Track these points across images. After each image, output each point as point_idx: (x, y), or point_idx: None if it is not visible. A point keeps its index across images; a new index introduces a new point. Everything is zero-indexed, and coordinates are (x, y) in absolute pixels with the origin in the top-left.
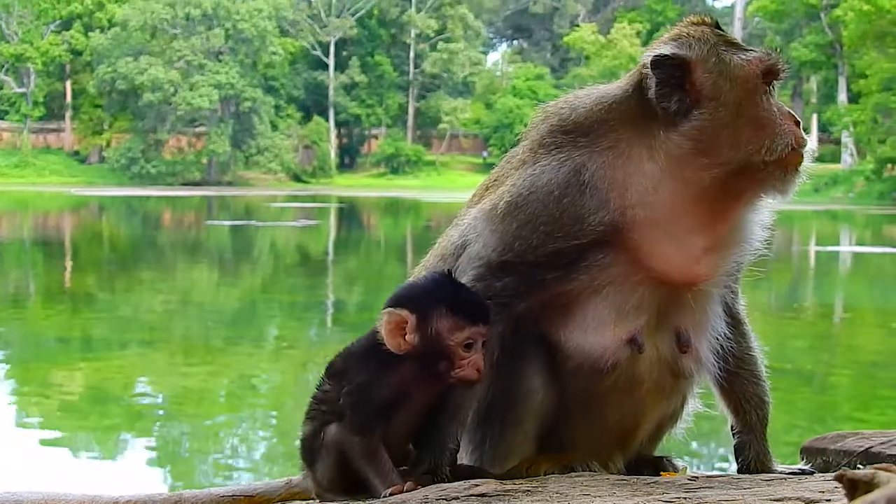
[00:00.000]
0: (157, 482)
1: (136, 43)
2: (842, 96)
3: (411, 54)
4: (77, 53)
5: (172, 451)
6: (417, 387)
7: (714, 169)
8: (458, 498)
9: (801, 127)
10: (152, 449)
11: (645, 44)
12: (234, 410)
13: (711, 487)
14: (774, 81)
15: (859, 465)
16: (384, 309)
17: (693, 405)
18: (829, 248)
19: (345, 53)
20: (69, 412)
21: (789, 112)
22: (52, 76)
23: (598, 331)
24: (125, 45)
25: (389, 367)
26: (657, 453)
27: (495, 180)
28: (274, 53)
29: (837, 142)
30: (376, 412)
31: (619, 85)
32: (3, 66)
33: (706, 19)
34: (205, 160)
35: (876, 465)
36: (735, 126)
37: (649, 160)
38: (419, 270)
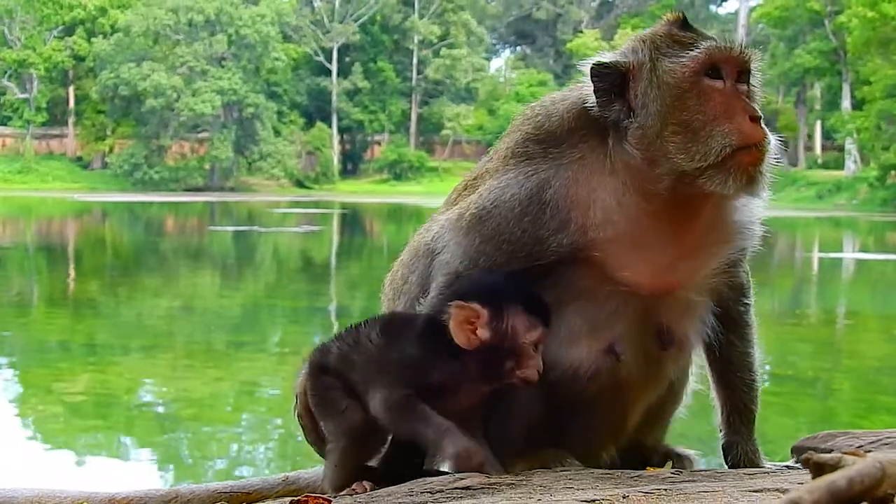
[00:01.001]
0: (159, 485)
1: (138, 49)
2: (845, 103)
3: (414, 60)
4: (80, 59)
5: (175, 455)
6: (471, 383)
7: (661, 179)
8: (443, 491)
9: (759, 121)
10: (155, 452)
11: None
12: (237, 416)
13: (694, 481)
14: (731, 72)
15: None
16: (451, 301)
17: (692, 385)
18: (833, 255)
19: (348, 59)
20: (72, 416)
21: (745, 107)
22: (54, 82)
23: (574, 342)
24: (128, 50)
25: (447, 356)
26: (668, 444)
27: (474, 179)
28: (277, 59)
29: (841, 148)
30: (421, 392)
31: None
32: (5, 72)
33: (672, 17)
34: (207, 166)
35: (844, 451)
36: (662, 135)
37: (611, 173)
38: (396, 265)
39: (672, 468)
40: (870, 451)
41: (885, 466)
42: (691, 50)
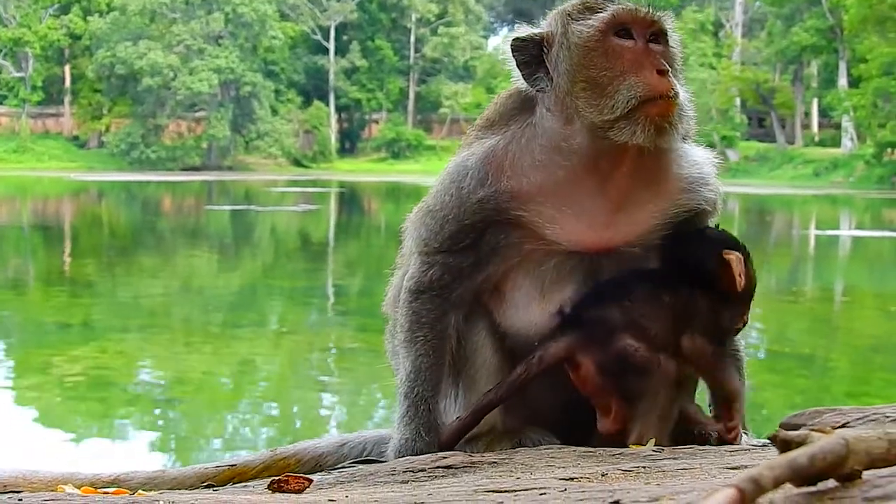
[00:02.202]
0: (156, 465)
1: (135, 27)
2: (842, 81)
3: (412, 38)
4: (76, 38)
5: (173, 434)
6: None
7: (576, 135)
8: (425, 469)
9: (666, 75)
10: (153, 432)
11: None
12: (235, 395)
13: (675, 458)
14: (642, 32)
15: None
16: (720, 251)
17: None
18: (829, 232)
19: (345, 38)
20: (69, 396)
21: (653, 61)
22: (50, 60)
23: (526, 308)
24: (124, 29)
25: (720, 302)
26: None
27: None
28: (274, 38)
29: (838, 126)
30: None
31: None
32: (1, 51)
33: None
34: (204, 145)
35: (812, 427)
36: (572, 92)
37: (531, 138)
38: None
39: (655, 446)
40: (852, 428)
41: (851, 443)
42: (600, 13)
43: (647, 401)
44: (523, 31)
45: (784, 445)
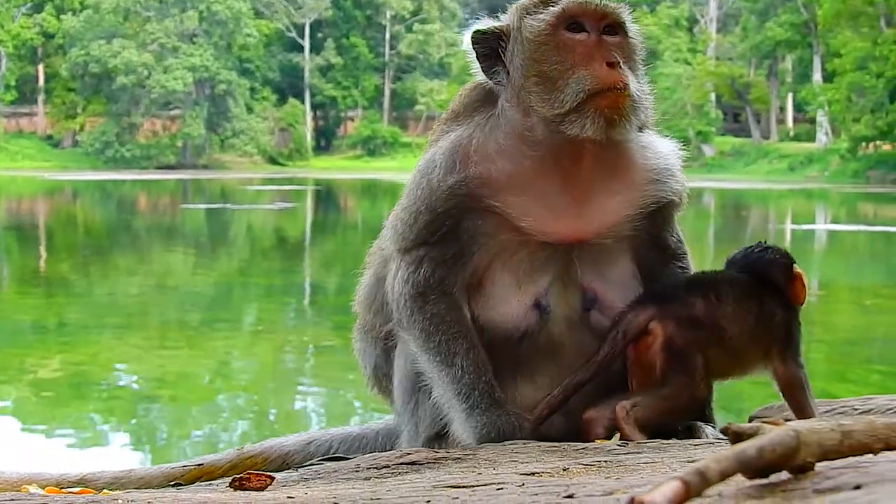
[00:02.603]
0: (132, 464)
1: (108, 25)
2: (816, 76)
3: (387, 36)
4: (49, 36)
5: (150, 434)
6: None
7: (535, 128)
8: (389, 466)
9: (616, 66)
10: (129, 431)
11: None
12: (212, 393)
13: (638, 452)
14: (594, 24)
15: None
16: (792, 265)
17: None
18: (805, 227)
19: (320, 35)
20: (45, 396)
21: (603, 54)
22: (23, 59)
23: (505, 300)
24: (98, 27)
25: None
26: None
27: None
28: (248, 35)
29: (812, 121)
30: None
31: None
32: None
33: None
34: (179, 143)
35: (764, 419)
36: (525, 86)
37: (494, 128)
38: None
39: (621, 439)
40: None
41: (802, 435)
42: (553, 7)
43: (672, 389)
44: (484, 24)
45: (736, 437)
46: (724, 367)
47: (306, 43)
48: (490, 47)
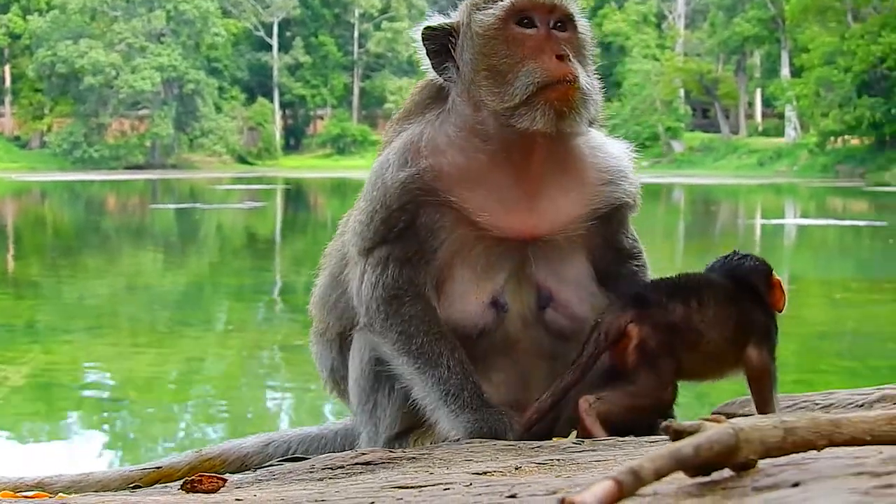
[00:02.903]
0: (103, 466)
1: (75, 26)
2: (785, 70)
3: (355, 34)
4: (15, 37)
5: (119, 434)
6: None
7: (486, 122)
8: (343, 467)
9: (566, 59)
10: (100, 434)
11: (589, 19)
12: (182, 394)
13: (594, 450)
14: (544, 19)
15: None
16: (771, 272)
17: None
18: (774, 221)
19: (288, 34)
20: (15, 399)
21: (552, 47)
22: None
23: (463, 298)
24: (65, 28)
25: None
26: None
27: None
28: (216, 35)
29: (781, 116)
30: None
31: None
32: None
33: None
34: (148, 143)
35: (705, 417)
36: (475, 81)
37: (443, 122)
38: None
39: (577, 437)
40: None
41: (742, 432)
42: (502, 1)
43: (639, 387)
44: (434, 20)
45: (676, 435)
46: (701, 371)
47: (274, 42)
48: (440, 44)
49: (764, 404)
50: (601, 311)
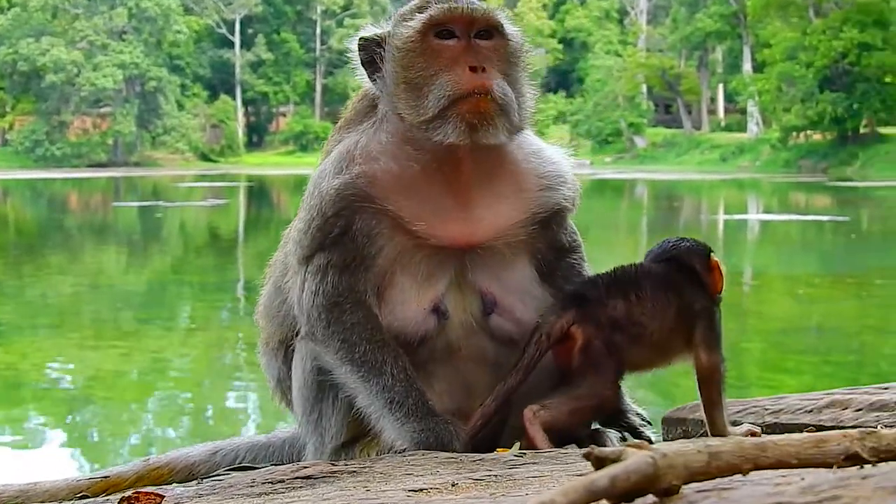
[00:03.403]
0: (70, 467)
1: (37, 23)
2: (746, 66)
3: (318, 31)
4: None
5: (84, 433)
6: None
7: (411, 132)
8: (284, 481)
9: (480, 70)
10: (64, 433)
11: (551, 17)
12: (146, 392)
13: (536, 463)
14: (464, 30)
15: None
16: (710, 254)
17: None
18: (737, 217)
19: (250, 31)
20: None
21: (467, 59)
22: None
23: (404, 305)
24: (26, 25)
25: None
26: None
27: None
28: (178, 32)
29: (743, 111)
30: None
31: None
32: None
33: None
34: (110, 141)
35: (629, 443)
36: (395, 94)
37: (377, 130)
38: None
39: (521, 448)
40: (737, 422)
41: (665, 458)
42: (422, 13)
43: (582, 390)
44: (368, 30)
45: (598, 463)
46: (647, 361)
47: (237, 39)
48: (373, 53)
49: (712, 406)
50: (541, 311)
